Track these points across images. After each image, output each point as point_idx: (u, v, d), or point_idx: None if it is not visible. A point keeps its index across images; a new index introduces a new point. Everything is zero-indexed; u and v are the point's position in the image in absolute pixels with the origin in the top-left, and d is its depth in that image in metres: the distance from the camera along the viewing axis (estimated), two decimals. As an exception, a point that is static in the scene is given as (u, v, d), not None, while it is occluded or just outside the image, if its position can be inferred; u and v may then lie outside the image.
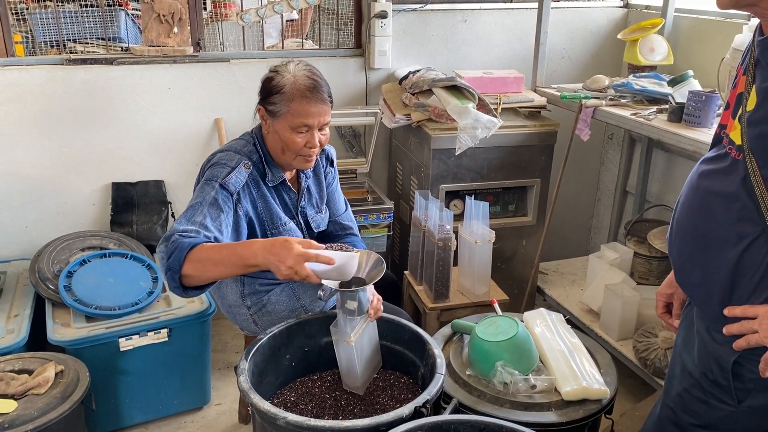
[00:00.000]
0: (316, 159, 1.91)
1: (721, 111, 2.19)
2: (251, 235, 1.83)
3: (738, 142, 1.15)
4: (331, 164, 2.05)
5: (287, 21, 3.41)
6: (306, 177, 1.97)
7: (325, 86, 1.80)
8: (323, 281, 1.54)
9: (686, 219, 1.26)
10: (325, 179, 2.03)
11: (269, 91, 1.78)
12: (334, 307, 1.98)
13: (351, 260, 1.55)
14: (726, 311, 1.17)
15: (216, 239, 1.63)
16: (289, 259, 1.45)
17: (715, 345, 1.23)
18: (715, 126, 2.17)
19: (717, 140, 1.27)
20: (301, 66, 1.80)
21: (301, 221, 1.96)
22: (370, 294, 1.72)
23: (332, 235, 2.06)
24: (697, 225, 1.23)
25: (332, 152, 2.05)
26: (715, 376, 1.23)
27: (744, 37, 1.97)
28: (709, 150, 1.30)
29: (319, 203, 2.02)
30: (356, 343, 1.65)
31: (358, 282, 1.62)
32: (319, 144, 1.81)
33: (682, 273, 1.30)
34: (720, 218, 1.17)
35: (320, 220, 2.01)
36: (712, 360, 1.23)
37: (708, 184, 1.22)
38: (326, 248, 1.56)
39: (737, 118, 1.16)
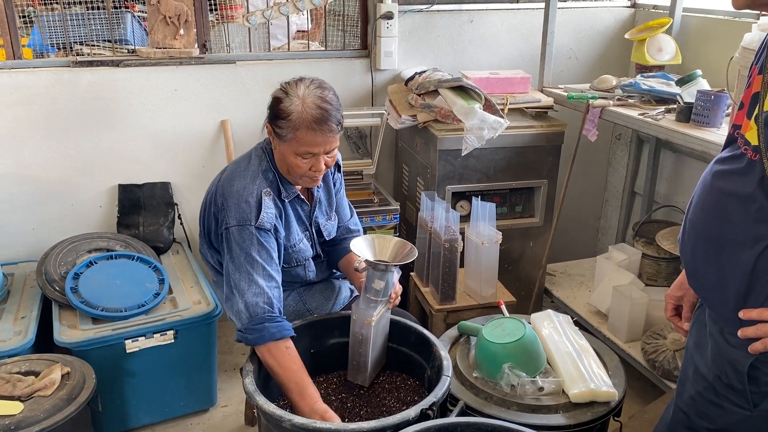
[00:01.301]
0: None
1: (730, 110, 2.19)
2: None
3: (754, 142, 1.13)
4: (339, 170, 2.04)
5: (297, 31, 3.41)
6: (318, 188, 1.95)
7: (334, 114, 1.72)
8: (356, 253, 1.68)
9: (700, 220, 1.24)
10: (334, 186, 2.03)
11: (277, 114, 1.72)
12: (343, 308, 1.98)
13: None
14: (741, 314, 1.14)
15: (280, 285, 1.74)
16: None
17: (729, 348, 1.20)
18: (724, 126, 2.17)
19: (731, 140, 1.25)
20: (312, 89, 1.71)
21: (313, 231, 1.96)
22: (396, 279, 1.75)
23: (339, 239, 2.05)
24: (711, 226, 1.21)
25: (338, 157, 2.04)
26: (729, 380, 1.21)
27: (753, 35, 1.95)
28: (722, 150, 1.27)
29: (329, 211, 2.01)
30: (374, 326, 1.67)
31: (389, 264, 1.68)
32: (324, 167, 1.78)
33: (695, 275, 1.28)
34: (736, 220, 1.15)
35: (331, 228, 2.01)
36: (727, 363, 1.21)
37: (723, 184, 1.19)
38: None
39: (753, 118, 1.14)
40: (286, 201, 1.84)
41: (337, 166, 2.03)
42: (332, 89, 1.77)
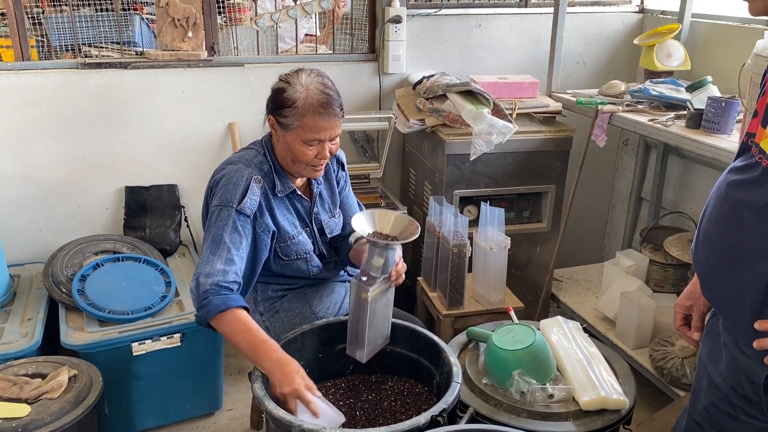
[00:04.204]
0: (327, 163, 1.91)
1: (741, 117, 2.18)
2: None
3: None
4: (342, 168, 2.05)
5: (305, 35, 3.41)
6: (318, 183, 1.96)
7: (336, 99, 1.77)
8: (357, 229, 1.65)
9: (714, 230, 1.23)
10: (338, 184, 2.03)
11: (281, 103, 1.74)
12: (346, 314, 1.97)
13: (334, 421, 1.54)
14: (757, 325, 1.14)
15: (241, 270, 1.71)
16: (286, 387, 1.51)
17: (745, 359, 1.19)
18: (735, 132, 2.16)
19: (744, 149, 1.23)
20: (312, 77, 1.76)
21: (315, 229, 1.95)
22: (398, 256, 1.72)
23: (348, 234, 2.06)
24: (727, 236, 1.20)
25: (342, 156, 2.04)
26: (745, 391, 1.20)
27: (766, 42, 1.94)
28: (736, 159, 1.26)
29: (332, 208, 2.01)
30: (371, 301, 1.64)
31: (391, 239, 1.65)
32: (329, 154, 1.80)
33: (710, 285, 1.27)
34: (752, 230, 1.14)
35: (334, 225, 2.00)
36: (742, 374, 1.20)
37: (738, 194, 1.18)
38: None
39: None
40: (281, 195, 1.84)
41: (341, 165, 2.04)
42: (329, 78, 1.81)
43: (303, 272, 1.94)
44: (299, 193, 1.90)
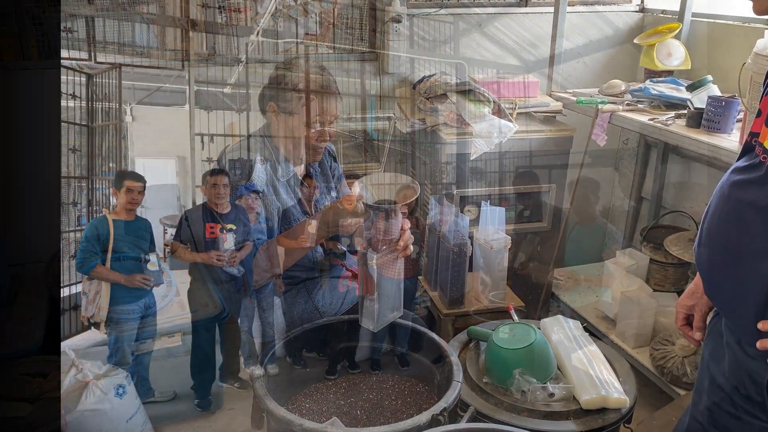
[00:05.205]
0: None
1: (741, 116, 2.18)
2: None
3: None
4: (335, 159, 2.11)
5: (306, 34, 3.41)
6: (316, 172, 1.99)
7: (334, 81, 1.87)
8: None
9: (717, 230, 1.23)
10: (333, 176, 2.07)
11: (283, 89, 1.81)
12: (348, 312, 1.98)
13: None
14: (760, 325, 1.13)
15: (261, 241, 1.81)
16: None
17: (747, 359, 1.19)
18: (735, 132, 2.16)
19: (748, 148, 1.23)
20: (310, 63, 1.86)
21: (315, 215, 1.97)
22: (402, 222, 1.72)
23: None
24: (729, 236, 1.19)
25: (332, 147, 2.10)
26: (747, 391, 1.20)
27: (766, 41, 1.94)
28: (739, 158, 1.25)
29: (328, 198, 2.04)
30: (377, 268, 1.65)
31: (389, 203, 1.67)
32: (328, 136, 1.88)
33: (713, 285, 1.26)
34: (755, 230, 1.14)
35: None
36: (745, 374, 1.20)
37: (741, 194, 1.18)
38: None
39: None
40: (282, 180, 1.89)
41: (333, 157, 2.09)
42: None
43: (307, 258, 1.95)
44: (299, 178, 1.93)
